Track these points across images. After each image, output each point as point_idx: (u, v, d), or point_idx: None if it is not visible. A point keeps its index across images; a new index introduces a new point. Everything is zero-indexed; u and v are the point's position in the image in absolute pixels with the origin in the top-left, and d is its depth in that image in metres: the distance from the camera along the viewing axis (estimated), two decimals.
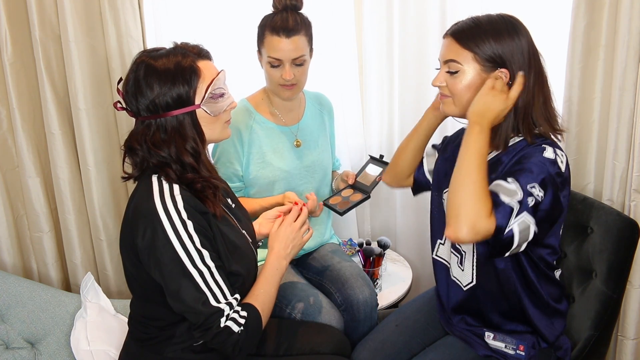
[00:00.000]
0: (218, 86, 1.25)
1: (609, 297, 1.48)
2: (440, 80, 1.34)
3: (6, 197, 1.92)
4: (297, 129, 1.84)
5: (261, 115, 1.80)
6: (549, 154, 1.24)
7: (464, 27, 1.30)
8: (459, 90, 1.31)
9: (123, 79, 1.25)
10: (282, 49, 1.63)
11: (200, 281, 1.18)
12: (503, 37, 1.26)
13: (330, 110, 1.96)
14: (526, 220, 1.16)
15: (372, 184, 1.73)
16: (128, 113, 1.25)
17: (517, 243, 1.17)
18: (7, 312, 1.72)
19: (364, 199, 1.71)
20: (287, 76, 1.66)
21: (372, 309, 1.72)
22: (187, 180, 1.23)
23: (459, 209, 1.16)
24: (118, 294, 2.13)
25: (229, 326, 1.19)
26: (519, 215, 1.16)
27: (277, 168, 1.78)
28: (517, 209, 1.16)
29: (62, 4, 1.80)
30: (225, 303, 1.20)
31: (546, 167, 1.21)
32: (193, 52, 1.24)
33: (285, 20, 1.63)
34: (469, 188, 1.17)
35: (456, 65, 1.29)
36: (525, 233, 1.17)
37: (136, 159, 1.25)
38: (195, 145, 1.23)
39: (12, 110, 1.86)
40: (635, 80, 1.64)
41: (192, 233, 1.18)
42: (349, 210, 1.69)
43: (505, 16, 1.30)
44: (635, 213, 1.68)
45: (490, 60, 1.27)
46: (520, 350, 1.39)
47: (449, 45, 1.32)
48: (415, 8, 2.09)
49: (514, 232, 1.16)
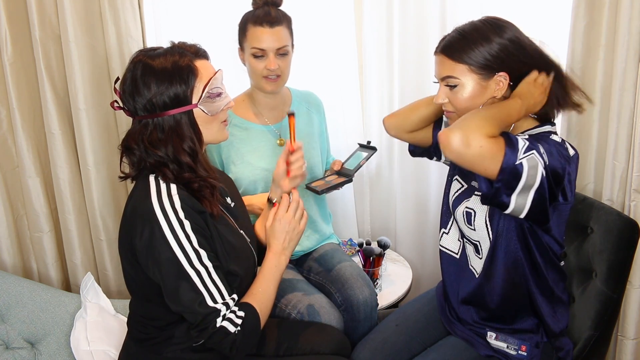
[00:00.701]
0: (215, 85, 1.25)
1: (609, 297, 1.48)
2: (442, 97, 1.35)
3: (6, 197, 1.92)
4: (280, 127, 1.85)
5: (239, 117, 1.80)
6: (556, 138, 1.27)
7: (451, 41, 1.31)
8: (461, 103, 1.32)
9: (120, 78, 1.25)
10: (266, 39, 1.66)
11: (198, 281, 1.18)
12: (491, 41, 1.27)
13: (319, 108, 1.95)
14: (535, 157, 1.17)
15: (356, 167, 1.73)
16: (125, 112, 1.25)
17: (524, 180, 1.16)
18: (7, 312, 1.72)
19: (346, 182, 1.70)
20: (271, 65, 1.68)
21: (372, 309, 1.72)
22: (184, 180, 1.23)
23: (462, 120, 1.18)
24: (118, 294, 2.13)
25: (224, 326, 1.19)
26: (529, 152, 1.17)
27: (258, 167, 1.78)
28: (525, 145, 1.17)
29: (62, 4, 1.80)
30: (222, 303, 1.20)
31: (553, 146, 1.23)
32: (190, 51, 1.24)
33: (267, 12, 1.68)
34: (483, 114, 1.20)
35: (454, 80, 1.30)
36: (534, 172, 1.17)
37: (133, 158, 1.25)
38: (193, 144, 1.23)
39: (12, 110, 1.86)
40: (635, 80, 1.64)
41: (190, 233, 1.18)
42: (328, 191, 1.67)
43: (489, 19, 1.31)
44: (635, 213, 1.68)
45: (485, 67, 1.28)
46: (522, 350, 1.39)
47: (441, 62, 1.33)
48: (415, 8, 2.09)
49: (524, 166, 1.16)
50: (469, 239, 1.41)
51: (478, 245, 1.40)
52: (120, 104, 1.26)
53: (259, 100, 1.82)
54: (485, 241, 1.37)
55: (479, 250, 1.40)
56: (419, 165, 2.25)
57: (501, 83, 1.28)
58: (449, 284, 1.51)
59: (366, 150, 1.78)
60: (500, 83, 1.28)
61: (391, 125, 1.65)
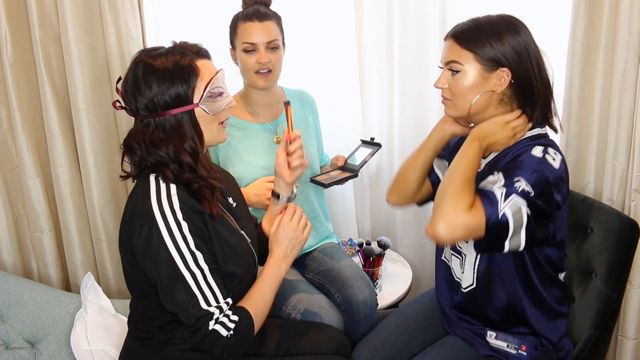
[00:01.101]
0: (217, 85, 1.25)
1: (609, 297, 1.48)
2: (443, 82, 1.35)
3: (6, 197, 1.92)
4: (276, 125, 1.85)
5: (235, 117, 1.81)
6: (537, 152, 1.26)
7: (464, 28, 1.31)
8: (460, 90, 1.31)
9: (122, 78, 1.25)
10: (256, 33, 1.69)
11: (192, 283, 1.18)
12: (503, 37, 1.27)
13: (312, 106, 1.95)
14: (516, 202, 1.18)
15: (361, 163, 1.74)
16: (127, 112, 1.25)
17: (512, 228, 1.18)
18: (7, 312, 1.72)
19: (351, 177, 1.72)
20: (262, 59, 1.70)
21: (372, 309, 1.72)
22: (184, 180, 1.23)
23: (437, 206, 1.20)
24: (118, 294, 2.13)
25: (216, 330, 1.19)
26: (508, 198, 1.18)
27: (257, 166, 1.79)
28: (503, 193, 1.18)
29: (62, 4, 1.80)
30: (216, 306, 1.20)
31: (534, 165, 1.23)
32: (192, 51, 1.24)
33: (256, 9, 1.72)
34: (450, 188, 1.21)
35: (457, 66, 1.30)
36: (519, 216, 1.18)
37: (135, 158, 1.25)
38: (194, 144, 1.23)
39: (12, 110, 1.86)
40: (635, 80, 1.64)
41: (187, 234, 1.18)
42: (334, 184, 1.69)
43: (505, 16, 1.31)
44: (635, 213, 1.68)
45: (491, 60, 1.27)
46: (522, 350, 1.39)
47: (450, 46, 1.32)
48: (415, 8, 2.09)
49: (507, 216, 1.17)
50: (460, 249, 1.42)
51: (464, 259, 1.41)
52: (122, 104, 1.26)
53: (253, 99, 1.83)
54: (470, 256, 1.38)
55: (463, 264, 1.42)
56: None
57: (503, 79, 1.28)
58: (442, 291, 1.52)
59: (370, 146, 1.79)
60: (502, 78, 1.28)
61: (393, 200, 1.61)
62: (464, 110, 1.33)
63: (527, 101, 1.31)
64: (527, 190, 1.19)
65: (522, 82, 1.29)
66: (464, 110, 1.33)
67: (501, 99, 1.32)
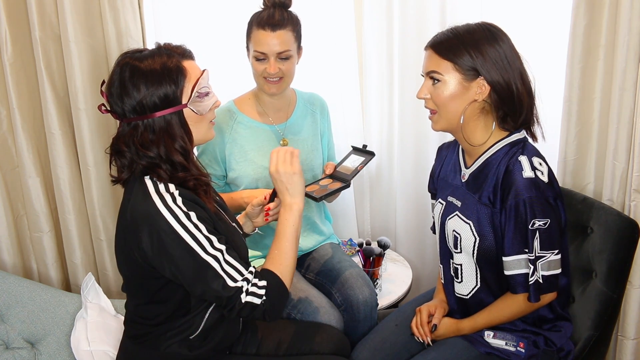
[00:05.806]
0: (203, 85, 1.26)
1: (609, 297, 1.48)
2: (424, 92, 1.36)
3: (6, 197, 1.92)
4: (285, 127, 1.85)
5: (245, 115, 1.81)
6: (527, 173, 1.27)
7: (442, 38, 1.33)
8: (442, 100, 1.33)
9: (106, 82, 1.26)
10: (267, 42, 1.65)
11: (217, 266, 1.20)
12: (482, 46, 1.28)
13: (323, 110, 1.94)
14: (548, 259, 1.28)
15: (353, 172, 1.64)
16: (112, 115, 1.25)
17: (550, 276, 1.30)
18: (7, 312, 1.72)
19: (343, 187, 1.63)
20: (271, 70, 1.68)
21: (372, 309, 1.72)
22: (179, 179, 1.24)
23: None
24: (118, 294, 2.13)
25: (249, 301, 1.21)
26: (536, 264, 1.27)
27: (260, 166, 1.78)
28: (531, 267, 1.28)
29: (62, 4, 1.80)
30: (242, 280, 1.22)
31: (532, 193, 1.26)
32: (177, 52, 1.26)
33: (271, 15, 1.66)
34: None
35: (438, 75, 1.32)
36: (554, 264, 1.28)
37: (124, 161, 1.26)
38: (184, 144, 1.25)
39: (12, 110, 1.86)
40: (635, 80, 1.64)
41: (197, 222, 1.20)
42: (326, 197, 1.62)
43: (484, 25, 1.33)
44: (635, 213, 1.68)
45: (471, 69, 1.29)
46: (520, 347, 1.40)
47: (429, 56, 1.34)
48: (415, 8, 2.09)
49: (544, 276, 1.29)
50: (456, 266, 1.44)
51: (458, 269, 1.42)
52: (107, 107, 1.26)
53: (264, 100, 1.82)
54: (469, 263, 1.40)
55: (459, 274, 1.43)
56: (419, 166, 2.25)
57: (483, 87, 1.29)
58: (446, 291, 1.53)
59: (362, 154, 1.68)
60: (482, 87, 1.30)
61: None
62: (452, 121, 1.34)
63: (509, 108, 1.31)
64: (543, 227, 1.27)
65: (502, 89, 1.29)
66: (451, 121, 1.34)
67: (482, 107, 1.33)
